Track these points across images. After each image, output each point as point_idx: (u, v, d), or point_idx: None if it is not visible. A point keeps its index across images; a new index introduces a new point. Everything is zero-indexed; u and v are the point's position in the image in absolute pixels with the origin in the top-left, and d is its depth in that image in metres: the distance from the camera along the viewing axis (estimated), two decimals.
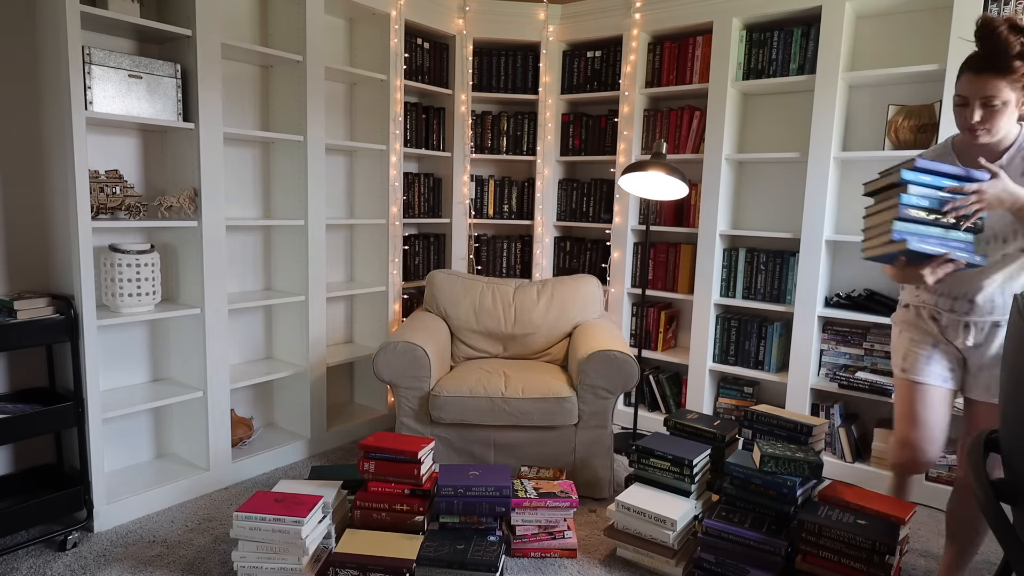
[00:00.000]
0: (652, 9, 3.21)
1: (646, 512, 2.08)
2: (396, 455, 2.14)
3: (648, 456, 2.23)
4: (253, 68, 2.86)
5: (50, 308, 2.11)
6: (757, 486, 2.04)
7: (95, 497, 2.22)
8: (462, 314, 3.01)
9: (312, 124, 2.79)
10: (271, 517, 1.89)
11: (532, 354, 3.01)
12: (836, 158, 2.82)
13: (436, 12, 3.35)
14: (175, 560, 2.10)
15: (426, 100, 3.63)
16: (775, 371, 3.03)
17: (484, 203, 3.77)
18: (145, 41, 2.48)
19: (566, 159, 3.66)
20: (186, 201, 2.40)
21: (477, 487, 2.07)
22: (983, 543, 2.21)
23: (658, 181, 2.84)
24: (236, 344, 2.92)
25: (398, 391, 2.58)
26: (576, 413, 2.52)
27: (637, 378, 2.53)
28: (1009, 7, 2.39)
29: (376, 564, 1.88)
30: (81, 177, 2.10)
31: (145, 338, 2.61)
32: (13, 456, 2.30)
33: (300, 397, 2.96)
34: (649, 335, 3.43)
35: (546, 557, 2.18)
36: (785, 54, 2.93)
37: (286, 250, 2.93)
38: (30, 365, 2.30)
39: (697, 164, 3.36)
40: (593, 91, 3.52)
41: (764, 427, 2.22)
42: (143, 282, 2.31)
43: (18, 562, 2.04)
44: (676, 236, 3.49)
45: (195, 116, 2.39)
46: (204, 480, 2.55)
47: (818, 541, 1.90)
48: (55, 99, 2.14)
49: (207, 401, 2.52)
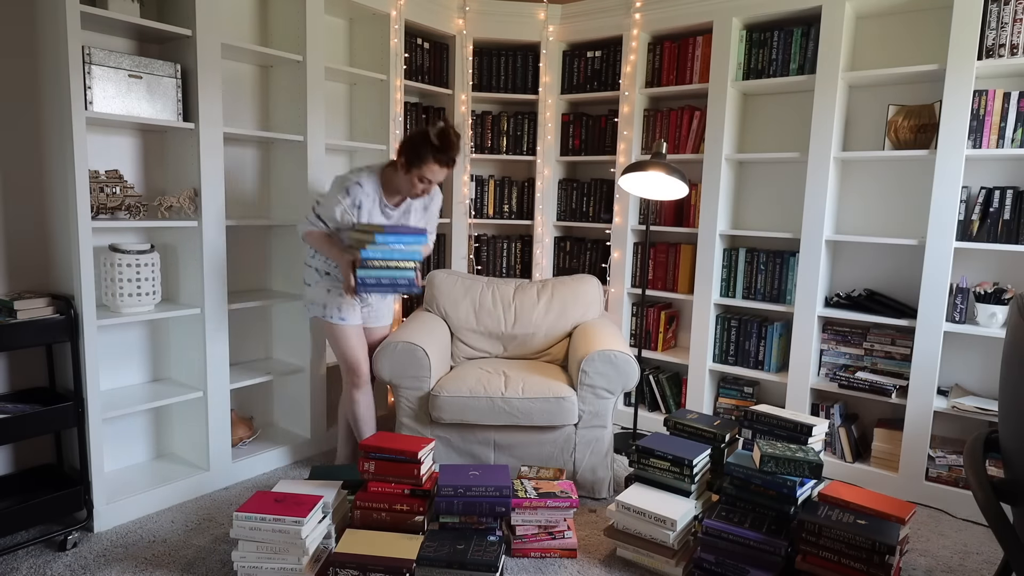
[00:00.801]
0: (652, 9, 3.22)
1: (646, 512, 2.08)
2: (396, 455, 2.14)
3: (648, 456, 2.23)
4: (253, 68, 2.86)
5: (50, 308, 2.11)
6: (757, 486, 2.05)
7: (95, 497, 2.22)
8: (462, 314, 3.01)
9: (312, 124, 2.79)
10: (271, 517, 1.89)
11: (532, 354, 3.01)
12: (836, 158, 2.82)
13: (436, 12, 3.35)
14: (175, 560, 2.10)
15: (426, 100, 3.63)
16: (775, 371, 3.04)
17: (484, 203, 3.77)
18: (145, 41, 2.48)
19: (566, 159, 3.66)
20: (186, 201, 2.40)
21: (477, 487, 2.07)
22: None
23: (658, 181, 2.84)
24: (236, 344, 2.92)
25: (398, 391, 2.58)
26: (576, 413, 2.52)
27: (637, 378, 2.53)
28: (1009, 7, 2.39)
29: (376, 564, 1.88)
30: (81, 177, 2.10)
31: (145, 338, 2.61)
32: (13, 456, 2.30)
33: (300, 397, 2.96)
34: (649, 335, 3.43)
35: (546, 557, 2.18)
36: (785, 54, 2.94)
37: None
38: (30, 365, 2.30)
39: (697, 164, 3.36)
40: (593, 91, 3.52)
41: (764, 427, 2.22)
42: (143, 282, 2.31)
43: (18, 562, 2.04)
44: (676, 236, 3.49)
45: (195, 116, 2.39)
46: (204, 480, 2.55)
47: (818, 541, 1.90)
48: (55, 99, 2.14)
49: (207, 401, 2.52)
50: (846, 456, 2.83)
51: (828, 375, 2.93)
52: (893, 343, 2.80)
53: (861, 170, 2.94)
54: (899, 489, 2.67)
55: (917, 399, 2.61)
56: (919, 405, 2.60)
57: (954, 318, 2.61)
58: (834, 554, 1.87)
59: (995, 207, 2.49)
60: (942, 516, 2.55)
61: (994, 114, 2.46)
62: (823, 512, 1.94)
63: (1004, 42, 2.41)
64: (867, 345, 2.85)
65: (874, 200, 2.92)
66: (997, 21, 2.41)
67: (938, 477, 2.61)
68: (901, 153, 2.65)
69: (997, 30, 2.42)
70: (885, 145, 2.76)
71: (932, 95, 2.76)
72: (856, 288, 2.99)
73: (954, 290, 2.60)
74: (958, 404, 2.51)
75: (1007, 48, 2.40)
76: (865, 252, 2.96)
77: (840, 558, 1.86)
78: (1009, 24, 2.40)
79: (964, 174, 2.65)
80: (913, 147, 2.69)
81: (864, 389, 2.73)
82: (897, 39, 2.81)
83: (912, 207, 2.83)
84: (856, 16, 2.87)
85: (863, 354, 2.87)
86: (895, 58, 2.82)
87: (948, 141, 2.50)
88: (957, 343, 2.74)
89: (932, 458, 2.61)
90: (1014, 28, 2.39)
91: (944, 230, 2.53)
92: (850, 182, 2.97)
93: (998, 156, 2.53)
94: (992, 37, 2.43)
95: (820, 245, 2.81)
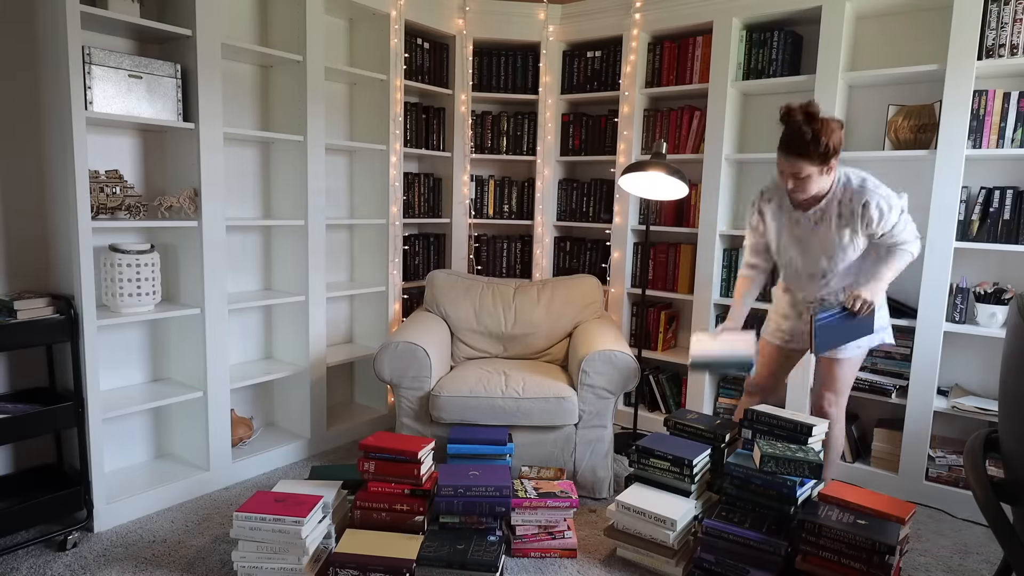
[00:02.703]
0: (652, 9, 3.21)
1: (646, 512, 2.08)
2: (396, 455, 2.13)
3: (648, 456, 2.23)
4: (253, 68, 2.86)
5: (50, 308, 2.11)
6: (757, 486, 2.05)
7: (95, 497, 2.22)
8: (462, 314, 3.01)
9: (312, 124, 2.79)
10: (271, 517, 1.89)
11: (532, 354, 3.01)
12: None
13: (436, 12, 3.35)
14: (175, 560, 2.10)
15: (426, 100, 3.63)
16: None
17: (484, 203, 3.77)
18: (145, 41, 2.48)
19: (566, 159, 3.66)
20: (186, 201, 2.40)
21: (477, 487, 2.07)
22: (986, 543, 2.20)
23: (658, 181, 2.84)
24: (236, 344, 2.92)
25: (398, 391, 2.58)
26: (576, 413, 2.52)
27: (637, 378, 2.53)
28: (1009, 7, 2.39)
29: (376, 564, 1.88)
30: (81, 177, 2.10)
31: (145, 338, 2.61)
32: (13, 456, 2.30)
33: (300, 397, 2.96)
34: (649, 335, 3.43)
35: (546, 557, 2.18)
36: (785, 54, 2.93)
37: (286, 250, 2.93)
38: (30, 365, 2.30)
39: (697, 164, 3.36)
40: (593, 91, 3.52)
41: (764, 427, 2.22)
42: (143, 282, 2.31)
43: (18, 562, 2.04)
44: (676, 236, 3.49)
45: (195, 116, 2.39)
46: (204, 480, 2.55)
47: (818, 541, 1.90)
48: (55, 99, 2.13)
49: (207, 401, 2.52)
50: (846, 456, 2.83)
51: None
52: (893, 343, 2.79)
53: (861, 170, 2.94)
54: (899, 489, 2.67)
55: (917, 399, 2.61)
56: (919, 405, 2.60)
57: (954, 318, 2.61)
58: (834, 554, 1.87)
59: (995, 207, 2.49)
60: (942, 516, 2.55)
61: (994, 114, 2.46)
62: (823, 512, 1.94)
63: (1004, 42, 2.41)
64: None
65: None
66: (997, 21, 2.41)
67: (938, 477, 2.61)
68: (901, 153, 2.65)
69: (997, 30, 2.42)
70: (885, 145, 2.76)
71: (932, 95, 2.76)
72: None
73: (954, 290, 2.60)
74: (958, 404, 2.51)
75: (1007, 48, 2.41)
76: None
77: (840, 558, 1.86)
78: (1009, 24, 2.40)
79: (964, 174, 2.65)
80: (913, 147, 2.69)
81: (864, 389, 2.73)
82: (897, 39, 2.81)
83: (912, 207, 2.83)
84: (856, 16, 2.87)
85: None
86: (895, 58, 2.82)
87: (948, 141, 2.50)
88: (957, 343, 2.74)
89: (932, 458, 2.61)
90: (1014, 28, 2.39)
91: (944, 230, 2.53)
92: None
93: (998, 156, 2.53)
94: (992, 37, 2.43)
95: None
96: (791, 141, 1.86)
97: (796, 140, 1.86)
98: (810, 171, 1.88)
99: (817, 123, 1.87)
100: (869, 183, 2.03)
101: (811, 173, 1.89)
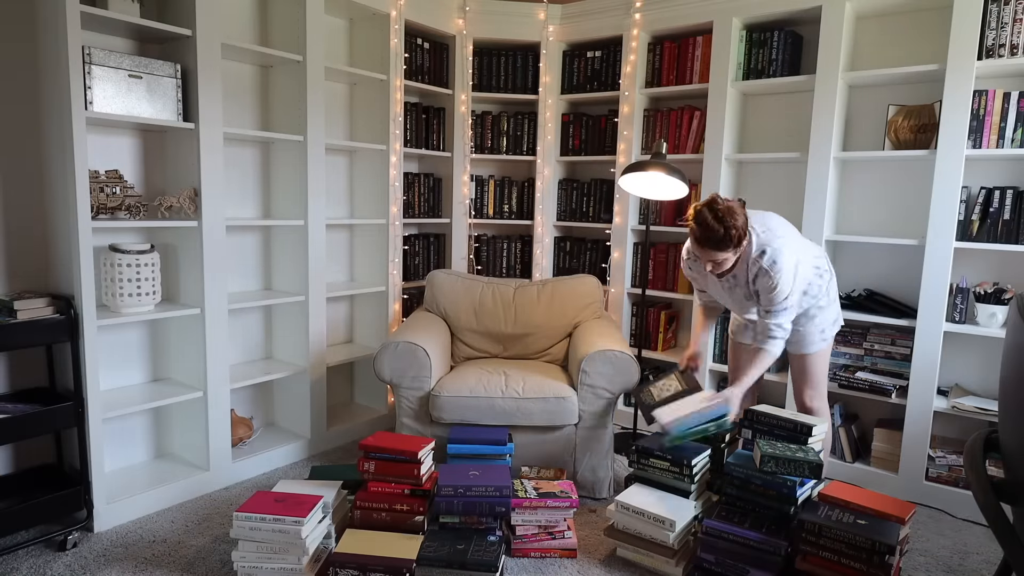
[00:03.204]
0: (652, 9, 3.21)
1: (646, 512, 2.08)
2: (396, 455, 2.13)
3: (648, 456, 2.23)
4: (253, 68, 2.86)
5: (50, 308, 2.11)
6: (757, 486, 2.04)
7: (95, 497, 2.22)
8: (462, 314, 3.01)
9: (312, 124, 2.79)
10: (271, 517, 1.89)
11: (532, 354, 3.01)
12: (836, 158, 2.82)
13: (436, 12, 3.35)
14: (175, 560, 2.10)
15: (426, 100, 3.63)
16: (775, 371, 3.03)
17: (484, 203, 3.77)
18: (145, 41, 2.48)
19: (566, 159, 3.66)
20: (186, 201, 2.40)
21: (477, 487, 2.07)
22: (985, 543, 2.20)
23: (658, 181, 2.84)
24: (236, 344, 2.92)
25: (398, 391, 2.58)
26: (576, 413, 2.52)
27: (637, 378, 2.53)
28: (1009, 7, 2.39)
29: (376, 564, 1.88)
30: (81, 177, 2.10)
31: (145, 338, 2.61)
32: (13, 456, 2.30)
33: (300, 397, 2.96)
34: (649, 335, 3.43)
35: (546, 557, 2.18)
36: (785, 54, 2.93)
37: (286, 250, 2.93)
38: (30, 365, 2.30)
39: (697, 164, 3.36)
40: (593, 91, 3.52)
41: (764, 427, 2.22)
42: (143, 282, 2.31)
43: (18, 562, 2.04)
44: (676, 236, 3.49)
45: (195, 116, 2.39)
46: (204, 480, 2.55)
47: (818, 541, 1.90)
48: (55, 99, 2.14)
49: (207, 401, 2.52)
50: (846, 456, 2.83)
51: (828, 375, 2.93)
52: (893, 343, 2.80)
53: (861, 170, 2.94)
54: (899, 489, 2.67)
55: (917, 399, 2.61)
56: (919, 405, 2.60)
57: (954, 318, 2.61)
58: (834, 554, 1.87)
59: (995, 207, 2.49)
60: (942, 516, 2.55)
61: (994, 114, 2.46)
62: (823, 512, 1.94)
63: (1004, 42, 2.41)
64: (867, 345, 2.85)
65: (874, 200, 2.92)
66: (997, 21, 2.42)
67: (938, 477, 2.61)
68: (901, 153, 2.65)
69: (997, 30, 2.42)
70: (885, 145, 2.76)
71: (932, 95, 2.76)
72: (856, 288, 2.99)
73: (954, 290, 2.60)
74: (958, 404, 2.52)
75: (1007, 48, 2.41)
76: (865, 252, 2.96)
77: (840, 558, 1.86)
78: (1009, 24, 2.40)
79: (964, 174, 2.65)
80: (913, 147, 2.69)
81: (864, 389, 2.73)
82: (897, 39, 2.81)
83: (912, 207, 2.83)
84: (856, 16, 2.87)
85: (863, 354, 2.87)
86: (895, 58, 2.82)
87: (948, 141, 2.50)
88: (957, 343, 2.74)
89: (932, 458, 2.61)
90: (1014, 28, 2.39)
91: (944, 230, 2.53)
92: (850, 182, 2.97)
93: (998, 156, 2.53)
94: (992, 37, 2.43)
95: (820, 245, 2.81)
96: (707, 238, 2.06)
97: (710, 237, 2.05)
98: (726, 256, 2.10)
99: (725, 218, 2.05)
100: (772, 263, 2.14)
101: (727, 258, 2.11)
